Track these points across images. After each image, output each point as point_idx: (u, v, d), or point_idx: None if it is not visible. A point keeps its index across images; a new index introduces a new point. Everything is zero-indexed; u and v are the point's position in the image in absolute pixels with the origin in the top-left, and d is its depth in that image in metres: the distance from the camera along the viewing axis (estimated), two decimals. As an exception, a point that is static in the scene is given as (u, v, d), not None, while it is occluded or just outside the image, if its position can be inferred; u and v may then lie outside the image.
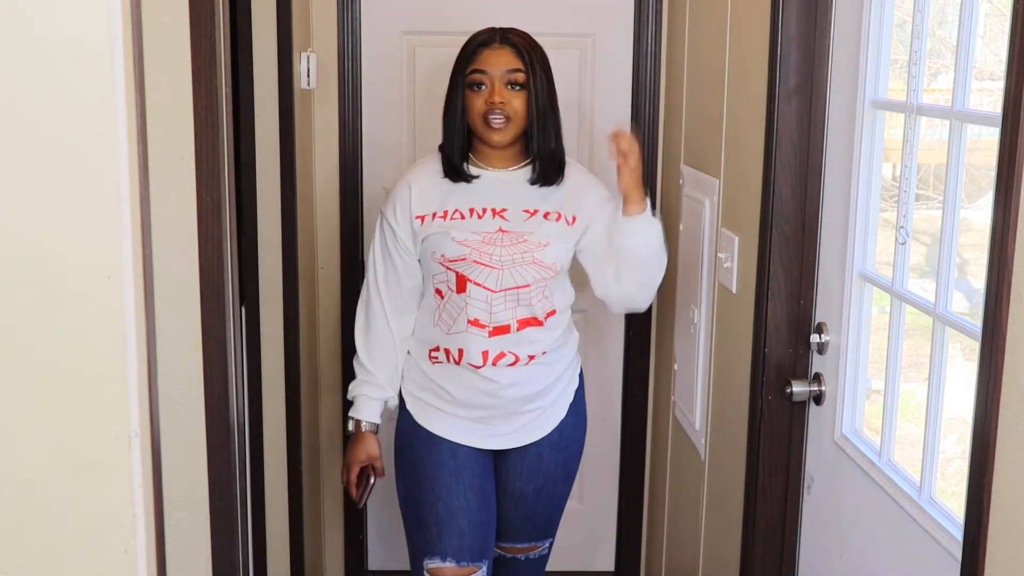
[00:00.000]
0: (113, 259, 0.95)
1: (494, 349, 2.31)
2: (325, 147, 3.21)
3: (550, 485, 2.47)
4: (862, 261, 2.03)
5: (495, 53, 2.27)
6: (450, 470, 2.37)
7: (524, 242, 2.30)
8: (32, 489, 0.98)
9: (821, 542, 2.19)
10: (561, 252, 2.33)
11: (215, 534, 1.70)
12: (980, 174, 1.81)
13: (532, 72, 2.27)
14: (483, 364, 2.31)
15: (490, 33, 2.32)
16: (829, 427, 2.14)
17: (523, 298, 2.31)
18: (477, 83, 2.27)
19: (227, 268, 1.65)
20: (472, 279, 2.29)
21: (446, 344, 2.34)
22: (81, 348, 0.96)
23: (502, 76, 2.26)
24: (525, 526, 2.51)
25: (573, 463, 2.50)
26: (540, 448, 2.42)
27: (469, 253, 2.28)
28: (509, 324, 2.31)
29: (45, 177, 0.93)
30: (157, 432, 1.09)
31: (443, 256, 2.29)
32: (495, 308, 2.30)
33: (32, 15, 0.91)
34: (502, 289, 2.29)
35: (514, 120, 2.27)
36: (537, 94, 2.27)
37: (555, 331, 2.36)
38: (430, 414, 2.40)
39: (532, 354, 2.34)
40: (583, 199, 2.36)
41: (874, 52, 1.97)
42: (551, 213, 2.33)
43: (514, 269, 2.29)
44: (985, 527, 1.34)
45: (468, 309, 2.30)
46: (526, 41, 2.30)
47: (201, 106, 1.59)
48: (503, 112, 2.25)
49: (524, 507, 2.48)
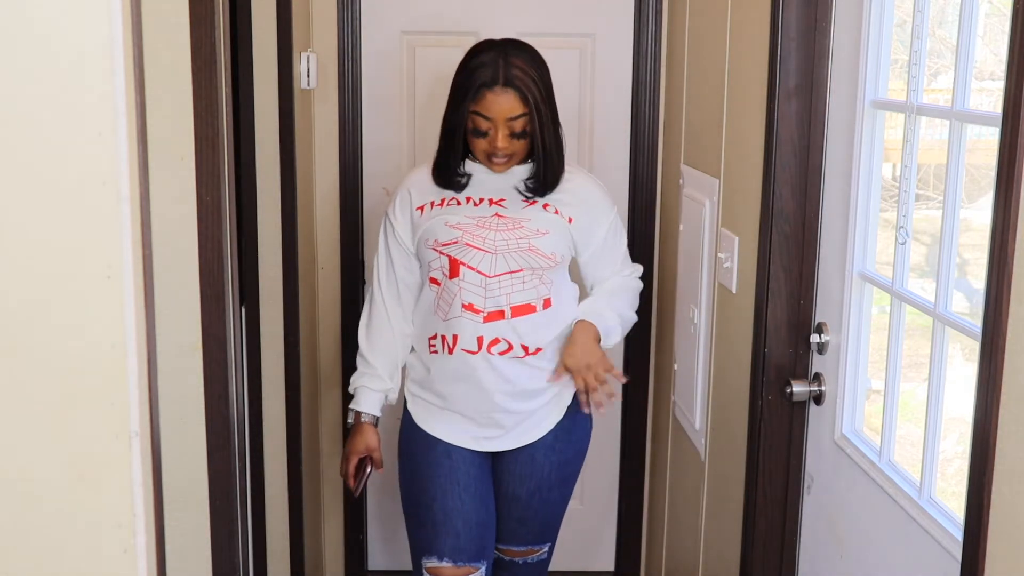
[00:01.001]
0: (113, 259, 0.95)
1: (488, 335, 2.31)
2: (325, 147, 3.21)
3: (544, 489, 2.46)
4: (862, 261, 2.03)
5: (498, 98, 2.24)
6: (445, 471, 2.38)
7: (521, 227, 2.30)
8: (32, 489, 0.98)
9: (821, 542, 2.19)
10: (560, 244, 2.33)
11: (215, 534, 1.70)
12: (980, 174, 1.81)
13: (536, 113, 2.26)
14: (478, 350, 2.31)
15: (493, 68, 2.24)
16: (829, 427, 2.14)
17: (517, 283, 2.31)
18: (481, 130, 2.27)
19: (227, 268, 1.65)
20: (465, 262, 2.29)
21: (442, 331, 2.34)
22: (81, 348, 0.96)
23: (506, 123, 2.26)
24: (520, 528, 2.51)
25: (570, 468, 2.49)
26: (533, 450, 2.43)
27: (461, 236, 2.29)
28: (503, 310, 2.31)
29: (45, 177, 0.93)
30: (157, 432, 1.09)
31: (435, 240, 2.31)
32: (490, 293, 2.30)
33: (32, 15, 0.91)
34: (496, 274, 2.29)
35: (516, 156, 2.31)
36: (543, 133, 2.28)
37: (552, 327, 2.35)
38: (428, 414, 2.42)
39: (526, 345, 2.32)
40: (583, 209, 2.38)
41: (874, 52, 1.97)
42: (550, 206, 2.35)
43: (509, 255, 2.29)
44: (985, 527, 1.34)
45: (462, 294, 2.30)
46: (526, 75, 2.25)
47: (201, 106, 1.59)
48: (506, 154, 2.29)
49: (517, 509, 2.48)
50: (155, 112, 1.49)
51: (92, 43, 0.92)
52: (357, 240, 3.27)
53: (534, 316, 2.33)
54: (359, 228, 3.27)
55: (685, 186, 2.88)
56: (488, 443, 2.41)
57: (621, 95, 3.22)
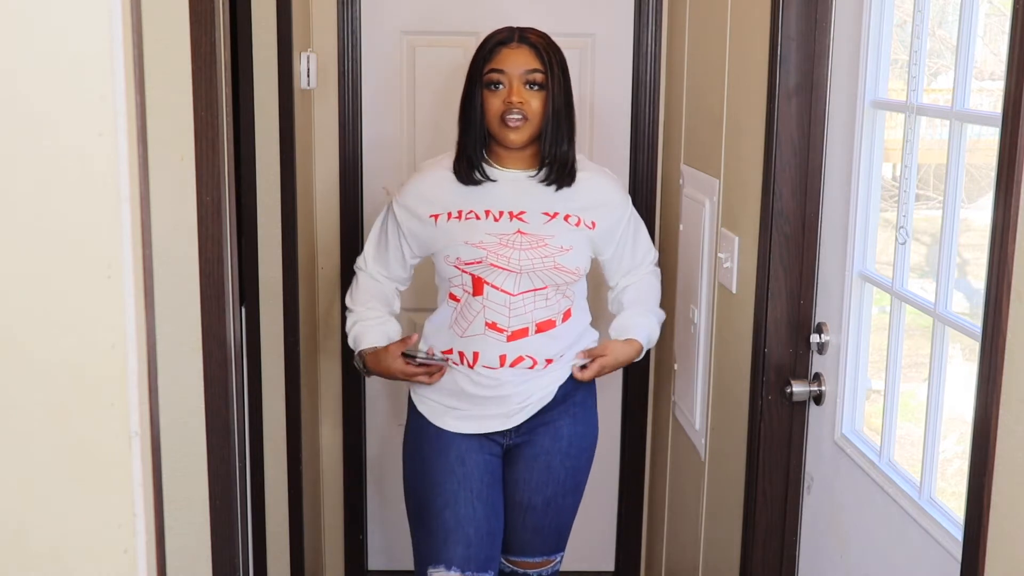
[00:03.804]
0: (113, 259, 0.95)
1: (511, 353, 2.29)
2: (325, 147, 3.21)
3: (559, 496, 2.43)
4: (862, 261, 2.03)
5: (514, 52, 2.23)
6: (458, 477, 2.34)
7: (544, 245, 2.26)
8: (32, 489, 0.98)
9: (821, 542, 2.19)
10: (583, 257, 2.31)
11: (215, 534, 1.70)
12: (980, 174, 1.81)
13: (551, 72, 2.23)
14: (499, 367, 2.29)
15: (508, 32, 2.27)
16: (829, 427, 2.14)
17: (541, 300, 2.28)
18: (495, 82, 2.23)
19: (227, 268, 1.65)
20: (489, 282, 2.26)
21: (460, 347, 2.31)
22: (81, 348, 0.96)
23: (521, 76, 2.22)
24: (535, 539, 2.47)
25: (582, 474, 2.47)
26: (550, 457, 2.39)
27: (486, 256, 2.24)
28: (527, 327, 2.28)
29: (45, 177, 0.93)
30: (157, 432, 1.09)
31: (458, 259, 2.26)
32: (515, 312, 2.26)
33: (32, 15, 0.91)
34: (521, 292, 2.26)
35: (531, 120, 2.24)
36: (555, 95, 2.24)
37: (569, 334, 2.34)
38: (442, 412, 2.37)
39: (549, 357, 2.32)
40: (604, 211, 2.35)
41: (874, 52, 1.97)
42: (571, 216, 2.30)
43: (534, 274, 2.26)
44: (985, 527, 1.34)
45: (485, 312, 2.27)
46: (545, 41, 2.27)
47: (201, 106, 1.59)
48: (521, 111, 2.22)
49: (533, 518, 2.44)
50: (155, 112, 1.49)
51: (92, 43, 0.92)
52: (357, 240, 3.27)
53: (555, 330, 2.32)
54: (359, 228, 3.27)
55: (685, 186, 2.87)
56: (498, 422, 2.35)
57: (621, 95, 3.22)
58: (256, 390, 2.62)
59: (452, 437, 2.36)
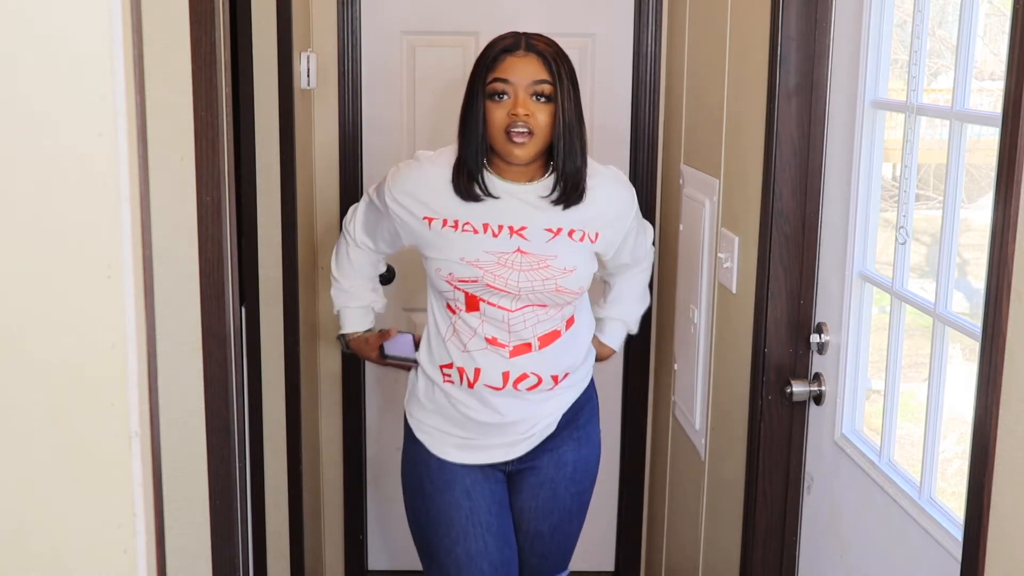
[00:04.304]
0: (113, 259, 0.95)
1: (515, 371, 2.19)
2: (325, 147, 3.21)
3: (566, 522, 2.39)
4: (862, 261, 2.03)
5: (520, 61, 2.07)
6: (465, 512, 2.25)
7: (547, 267, 2.13)
8: (32, 489, 0.98)
9: (821, 542, 2.19)
10: (587, 276, 2.20)
11: (215, 534, 1.70)
12: (980, 174, 1.81)
13: (560, 84, 2.06)
14: (503, 386, 2.20)
15: (514, 39, 2.10)
16: (829, 427, 2.14)
17: (541, 314, 2.18)
18: (499, 92, 2.06)
19: (227, 268, 1.65)
20: (485, 299, 2.15)
21: (460, 362, 2.20)
22: (81, 348, 0.96)
23: (527, 87, 2.05)
24: (542, 563, 2.43)
25: (587, 495, 2.42)
26: (555, 485, 2.33)
27: (482, 276, 2.12)
28: (530, 342, 2.18)
29: (45, 177, 0.93)
30: (157, 432, 1.09)
31: (451, 275, 2.13)
32: (514, 328, 2.17)
33: (32, 15, 0.91)
34: (519, 308, 2.16)
35: (538, 135, 2.06)
36: (564, 108, 2.06)
37: (575, 343, 2.26)
38: (442, 442, 2.28)
39: (555, 374, 2.22)
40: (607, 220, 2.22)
41: (874, 52, 1.97)
42: (575, 231, 2.16)
43: (533, 295, 2.15)
44: (985, 527, 1.34)
45: (484, 327, 2.17)
46: (554, 49, 2.10)
47: (201, 106, 1.59)
48: (527, 125, 2.04)
49: (540, 545, 2.39)
50: (155, 112, 1.49)
51: (92, 43, 0.92)
52: (357, 240, 3.27)
53: (559, 341, 2.22)
54: (359, 228, 3.26)
55: (685, 186, 2.87)
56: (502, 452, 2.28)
57: (621, 95, 3.22)
58: (256, 390, 2.62)
59: (455, 469, 2.27)
